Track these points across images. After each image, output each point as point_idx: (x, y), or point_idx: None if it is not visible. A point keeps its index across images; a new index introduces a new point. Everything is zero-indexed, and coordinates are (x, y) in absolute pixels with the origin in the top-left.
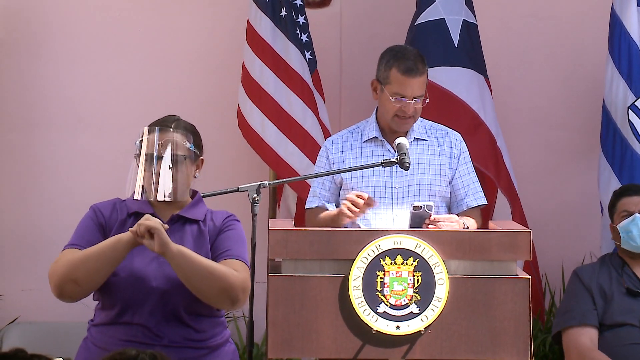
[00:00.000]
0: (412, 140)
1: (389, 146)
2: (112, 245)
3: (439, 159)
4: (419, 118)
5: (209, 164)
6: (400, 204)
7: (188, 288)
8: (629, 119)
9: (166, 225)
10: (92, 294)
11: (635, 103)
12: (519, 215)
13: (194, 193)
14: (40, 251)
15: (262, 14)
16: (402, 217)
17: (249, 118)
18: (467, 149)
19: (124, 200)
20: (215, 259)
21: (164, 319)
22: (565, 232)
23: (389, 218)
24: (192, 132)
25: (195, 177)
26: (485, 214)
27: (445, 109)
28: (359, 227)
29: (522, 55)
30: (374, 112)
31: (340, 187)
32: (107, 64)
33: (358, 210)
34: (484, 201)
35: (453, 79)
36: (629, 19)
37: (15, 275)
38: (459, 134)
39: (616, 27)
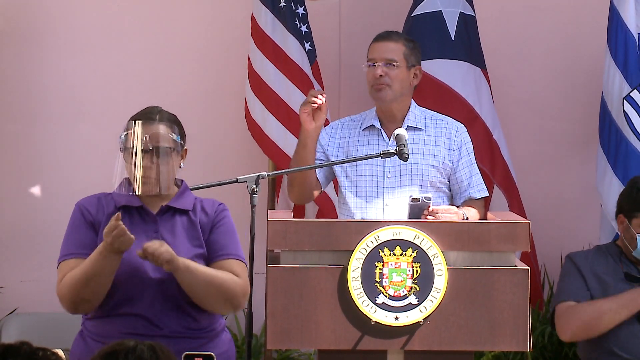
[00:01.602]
0: (405, 128)
1: (384, 134)
2: (103, 257)
3: (433, 149)
4: (421, 108)
5: (209, 155)
6: (392, 193)
7: (192, 299)
8: (624, 110)
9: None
10: None
11: (631, 94)
12: (516, 208)
13: (179, 182)
14: (40, 242)
15: (262, 5)
16: (392, 207)
17: (252, 111)
18: (469, 141)
19: (110, 193)
20: (212, 259)
21: (164, 309)
22: (564, 223)
23: (379, 207)
24: (175, 123)
25: (180, 168)
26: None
27: (441, 102)
28: (354, 218)
29: (521, 46)
30: None
31: (334, 173)
32: (107, 56)
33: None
34: (485, 193)
35: (449, 71)
36: (626, 10)
37: (14, 267)
38: (462, 125)
39: (614, 18)
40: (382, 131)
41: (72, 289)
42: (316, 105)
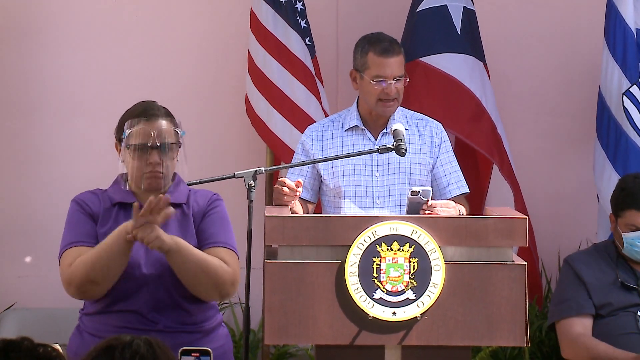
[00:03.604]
0: (391, 127)
1: (369, 134)
2: (116, 239)
3: (419, 147)
4: (400, 107)
5: (207, 150)
6: (381, 192)
7: (180, 279)
8: (623, 105)
9: (173, 210)
10: None
11: (630, 89)
12: (520, 202)
13: (172, 175)
14: (37, 237)
15: (263, 1)
16: (383, 205)
17: (256, 107)
18: (448, 138)
19: (105, 190)
20: (202, 246)
21: (158, 305)
22: (562, 219)
23: (370, 206)
24: (173, 117)
25: (177, 161)
26: (478, 199)
27: (450, 96)
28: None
29: (518, 41)
30: (355, 101)
31: (321, 177)
32: (105, 51)
33: (288, 191)
34: (466, 189)
35: (456, 65)
36: (624, 5)
37: (12, 262)
38: (440, 124)
39: (612, 14)
40: (367, 131)
41: (82, 268)
42: (295, 194)
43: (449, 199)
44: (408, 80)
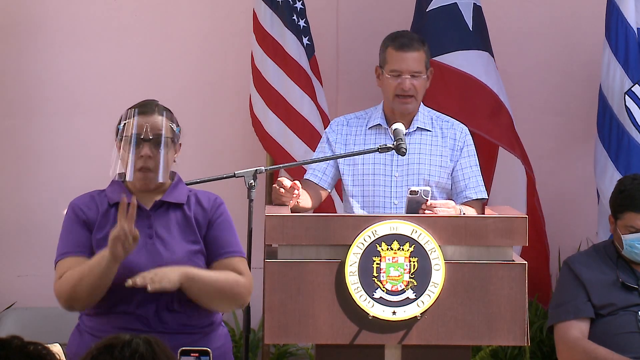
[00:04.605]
0: (414, 129)
1: (391, 134)
2: (98, 262)
3: (441, 150)
4: (427, 108)
5: (207, 149)
6: (399, 192)
7: (197, 303)
8: (625, 105)
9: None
10: None
11: (632, 89)
12: (536, 197)
13: (172, 175)
14: (37, 237)
15: (262, 1)
16: (401, 206)
17: (254, 107)
18: (472, 142)
19: (103, 190)
20: (214, 257)
21: (157, 308)
22: (562, 218)
23: (387, 205)
24: (172, 115)
25: (174, 162)
26: None
27: (467, 94)
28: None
29: (519, 40)
30: (383, 100)
31: (339, 171)
32: (106, 50)
33: (285, 191)
34: (484, 195)
35: (472, 62)
36: (626, 4)
37: (12, 261)
38: (465, 127)
39: (613, 13)
40: (389, 131)
41: (67, 287)
42: (292, 195)
43: (465, 203)
44: (424, 77)
